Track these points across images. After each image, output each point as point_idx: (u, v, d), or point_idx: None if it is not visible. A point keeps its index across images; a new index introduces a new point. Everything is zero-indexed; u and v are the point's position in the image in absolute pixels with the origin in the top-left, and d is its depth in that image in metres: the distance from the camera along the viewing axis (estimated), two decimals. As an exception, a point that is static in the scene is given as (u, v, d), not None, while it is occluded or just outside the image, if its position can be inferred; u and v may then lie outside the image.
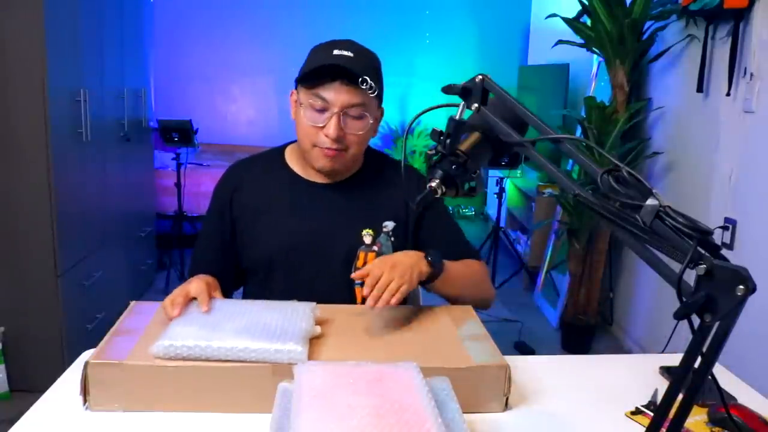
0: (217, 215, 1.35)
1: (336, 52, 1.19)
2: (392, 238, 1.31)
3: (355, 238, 1.29)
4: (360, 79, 1.17)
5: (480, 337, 1.06)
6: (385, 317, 1.14)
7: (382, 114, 1.32)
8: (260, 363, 0.92)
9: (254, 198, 1.34)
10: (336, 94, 1.18)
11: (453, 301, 1.28)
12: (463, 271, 1.29)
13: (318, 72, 1.18)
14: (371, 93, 1.20)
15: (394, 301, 1.07)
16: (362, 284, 1.22)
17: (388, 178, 1.35)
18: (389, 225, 1.31)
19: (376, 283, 1.07)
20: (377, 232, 1.30)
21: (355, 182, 1.34)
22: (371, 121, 1.24)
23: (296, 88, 1.26)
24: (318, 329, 1.03)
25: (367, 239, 1.29)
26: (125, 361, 0.91)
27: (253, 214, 1.33)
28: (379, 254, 1.29)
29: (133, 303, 1.14)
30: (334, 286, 1.29)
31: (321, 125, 1.20)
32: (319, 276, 1.31)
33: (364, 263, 1.27)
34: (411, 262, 1.14)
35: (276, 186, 1.34)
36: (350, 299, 1.29)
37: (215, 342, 0.92)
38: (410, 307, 1.24)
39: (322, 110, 1.20)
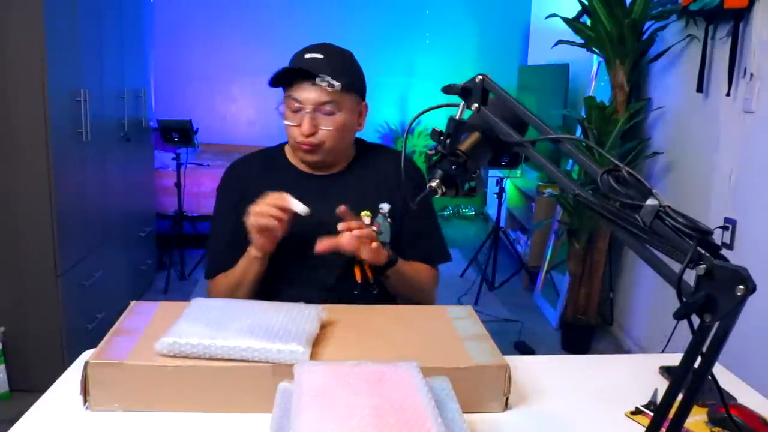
0: (231, 209, 1.38)
1: (308, 55, 1.31)
2: (389, 219, 1.39)
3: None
4: (318, 79, 1.26)
5: (480, 337, 1.06)
6: (385, 317, 1.14)
7: (366, 108, 1.41)
8: (261, 363, 0.92)
9: (261, 194, 1.35)
10: (306, 94, 1.29)
11: (397, 293, 1.40)
12: (413, 273, 1.40)
13: (285, 75, 1.29)
14: (330, 89, 1.27)
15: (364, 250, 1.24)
16: (360, 264, 1.32)
17: (380, 165, 1.44)
18: (385, 207, 1.40)
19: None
20: (375, 214, 1.39)
21: (351, 172, 1.43)
22: (344, 116, 1.33)
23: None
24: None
25: (366, 220, 1.36)
26: (125, 361, 0.91)
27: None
28: (378, 233, 1.35)
29: (133, 303, 1.14)
30: (335, 271, 1.35)
31: (297, 124, 1.31)
32: (322, 263, 1.34)
33: None
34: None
35: (280, 181, 1.38)
36: (351, 285, 1.33)
37: (218, 341, 0.92)
38: (410, 307, 1.24)
39: (298, 110, 1.31)
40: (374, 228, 1.36)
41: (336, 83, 1.27)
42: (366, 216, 1.37)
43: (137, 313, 1.09)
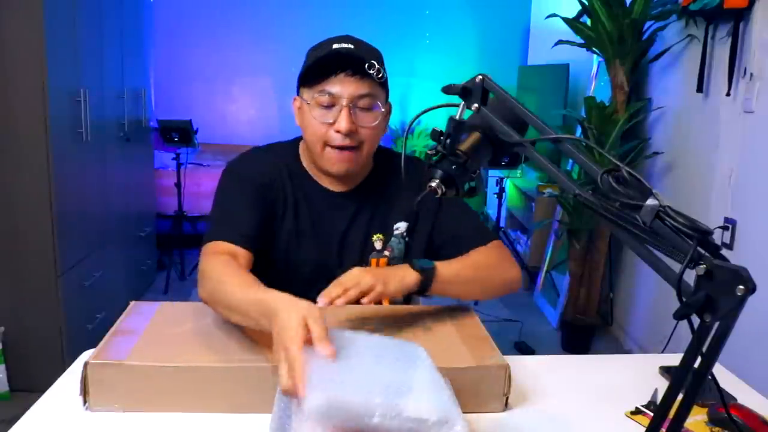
0: (251, 202, 1.21)
1: (335, 46, 1.17)
2: (406, 239, 1.29)
3: (369, 246, 1.28)
4: (367, 65, 1.13)
5: (480, 338, 1.06)
6: (385, 318, 1.14)
7: (390, 109, 1.27)
8: (261, 363, 0.92)
9: (279, 203, 1.26)
10: (342, 86, 1.14)
11: (465, 297, 1.23)
12: (462, 268, 1.18)
13: (320, 66, 1.15)
14: (379, 78, 1.15)
15: (364, 300, 1.01)
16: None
17: (399, 178, 1.25)
18: (401, 227, 1.28)
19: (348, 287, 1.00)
20: (389, 236, 1.28)
21: (368, 187, 1.29)
22: (382, 113, 1.19)
23: (298, 94, 1.23)
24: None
25: (378, 244, 1.27)
26: (125, 361, 0.91)
27: (277, 219, 1.26)
28: (390, 259, 1.27)
29: (132, 303, 1.14)
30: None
31: (331, 121, 1.16)
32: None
33: None
34: (392, 271, 1.08)
35: (298, 193, 1.27)
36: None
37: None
38: (410, 307, 1.24)
39: (330, 106, 1.16)
40: (386, 253, 1.28)
41: (380, 67, 1.13)
42: (378, 240, 1.27)
43: (137, 314, 1.09)
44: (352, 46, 1.17)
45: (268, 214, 1.23)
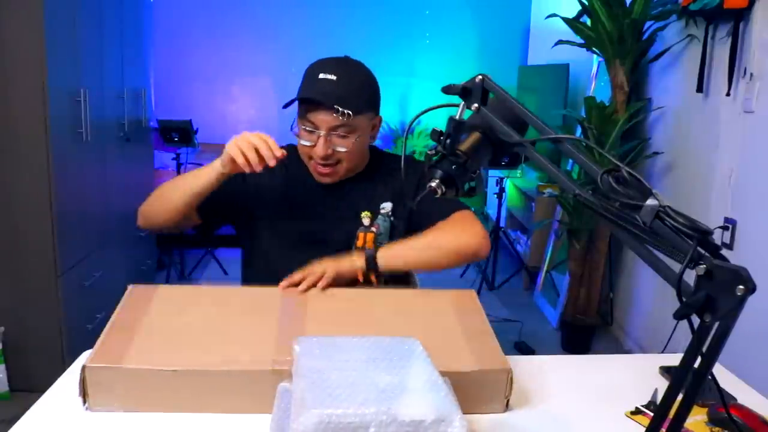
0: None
1: (321, 75, 1.30)
2: (392, 218, 1.41)
3: (355, 225, 1.40)
4: (336, 108, 1.27)
5: (482, 333, 1.06)
6: (385, 307, 1.15)
7: (379, 121, 1.43)
8: (261, 368, 0.92)
9: (274, 187, 1.42)
10: (321, 119, 1.30)
11: (418, 268, 1.41)
12: (408, 243, 1.34)
13: (304, 98, 1.31)
14: (344, 119, 1.28)
15: (317, 283, 1.21)
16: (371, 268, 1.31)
17: (387, 168, 1.47)
18: (387, 207, 1.42)
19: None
20: (375, 214, 1.41)
21: (363, 176, 1.44)
22: (358, 137, 1.33)
23: None
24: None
25: (366, 221, 1.40)
26: (123, 364, 0.91)
27: (269, 199, 1.41)
28: (377, 235, 1.39)
29: (130, 287, 1.15)
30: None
31: (311, 145, 1.33)
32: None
33: (364, 243, 1.39)
34: (344, 257, 1.28)
35: (293, 174, 1.43)
36: (351, 285, 1.31)
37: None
38: (411, 292, 1.26)
39: (312, 131, 1.32)
40: (373, 229, 1.40)
41: (348, 112, 1.28)
42: (366, 217, 1.40)
43: (135, 301, 1.10)
44: (334, 78, 1.30)
45: (250, 195, 1.40)
